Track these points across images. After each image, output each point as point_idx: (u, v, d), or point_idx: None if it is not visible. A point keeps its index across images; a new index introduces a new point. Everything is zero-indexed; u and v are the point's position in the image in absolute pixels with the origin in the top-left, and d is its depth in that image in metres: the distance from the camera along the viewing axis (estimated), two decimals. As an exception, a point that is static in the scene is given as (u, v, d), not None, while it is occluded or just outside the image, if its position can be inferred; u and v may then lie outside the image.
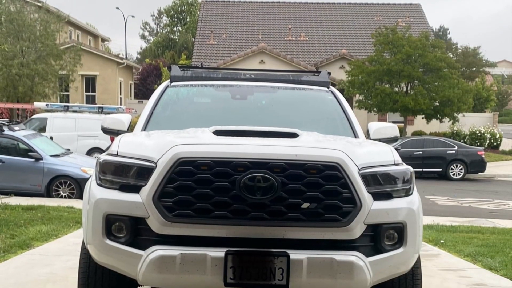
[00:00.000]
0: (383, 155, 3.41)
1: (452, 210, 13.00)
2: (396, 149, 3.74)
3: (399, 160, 3.43)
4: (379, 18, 37.82)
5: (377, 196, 3.17)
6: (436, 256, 6.83)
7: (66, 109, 19.22)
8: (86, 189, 3.46)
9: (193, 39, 46.10)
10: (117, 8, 58.83)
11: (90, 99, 33.31)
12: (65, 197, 12.11)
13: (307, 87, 5.13)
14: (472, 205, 14.13)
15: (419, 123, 29.82)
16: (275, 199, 2.98)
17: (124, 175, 3.18)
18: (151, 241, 3.07)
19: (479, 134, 29.46)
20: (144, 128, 4.43)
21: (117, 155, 3.29)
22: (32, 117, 20.64)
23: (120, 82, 35.04)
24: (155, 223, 3.03)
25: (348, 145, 3.37)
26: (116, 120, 4.45)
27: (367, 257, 3.09)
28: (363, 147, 3.55)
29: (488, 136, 29.62)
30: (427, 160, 21.15)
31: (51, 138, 16.05)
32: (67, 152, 13.65)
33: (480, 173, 21.73)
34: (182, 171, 3.01)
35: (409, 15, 38.37)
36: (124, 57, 45.30)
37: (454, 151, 21.40)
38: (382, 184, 3.21)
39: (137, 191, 3.10)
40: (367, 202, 3.09)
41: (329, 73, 5.43)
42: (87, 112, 19.51)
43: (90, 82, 33.93)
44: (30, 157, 12.28)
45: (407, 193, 3.34)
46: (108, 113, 16.34)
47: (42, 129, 18.43)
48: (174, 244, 3.04)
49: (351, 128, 4.59)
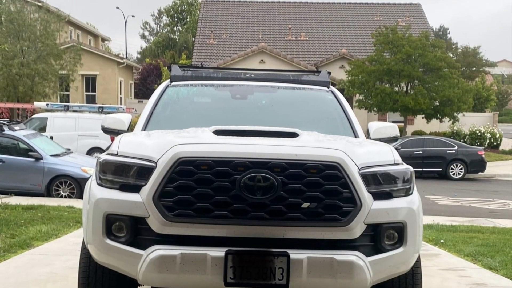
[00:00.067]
0: (383, 155, 3.41)
1: (452, 209, 13.00)
2: (396, 148, 3.74)
3: (399, 159, 3.43)
4: (379, 18, 37.81)
5: (377, 196, 3.17)
6: (436, 256, 6.83)
7: (66, 108, 19.22)
8: (86, 189, 3.46)
9: (193, 38, 46.09)
10: (117, 8, 58.77)
11: (90, 99, 33.33)
12: (65, 197, 12.12)
13: (307, 86, 5.13)
14: (472, 204, 14.12)
15: (419, 122, 29.82)
16: (275, 199, 2.98)
17: (124, 174, 3.18)
18: (151, 241, 3.08)
19: (479, 134, 29.46)
20: (144, 128, 4.42)
21: (117, 154, 3.30)
22: (32, 116, 20.63)
23: (120, 82, 35.05)
24: (155, 222, 3.03)
25: (348, 145, 3.38)
26: (116, 120, 4.45)
27: (367, 256, 3.09)
28: (363, 146, 3.55)
29: (488, 135, 29.63)
30: (427, 159, 21.16)
31: (51, 137, 16.05)
32: (67, 151, 13.65)
33: (480, 173, 21.74)
34: (182, 170, 3.01)
35: (409, 15, 38.37)
36: (124, 56, 45.31)
37: (454, 151, 21.40)
38: (382, 184, 3.22)
39: (137, 191, 3.10)
40: (367, 202, 3.09)
41: (329, 72, 5.43)
42: (87, 112, 19.51)
43: (90, 82, 33.94)
44: (30, 156, 12.28)
45: (407, 192, 3.34)
46: (108, 113, 16.33)
47: (42, 128, 18.44)
48: (174, 243, 3.04)
49: (351, 127, 4.59)
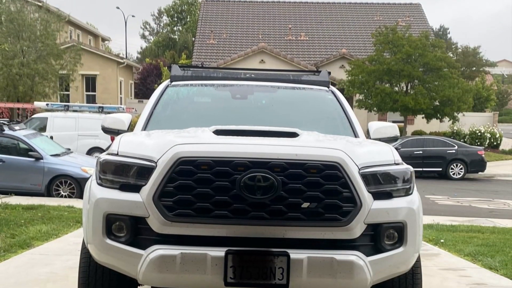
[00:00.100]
0: (383, 155, 3.41)
1: (452, 209, 13.00)
2: (396, 148, 3.74)
3: (399, 159, 3.43)
4: (379, 18, 37.82)
5: (377, 196, 3.17)
6: (436, 256, 6.83)
7: (66, 108, 19.22)
8: (87, 189, 3.46)
9: (193, 38, 46.09)
10: (117, 7, 58.72)
11: (91, 99, 33.34)
12: (65, 197, 12.12)
13: (307, 86, 5.13)
14: (472, 204, 14.12)
15: (419, 122, 29.83)
16: (275, 199, 2.98)
17: (125, 174, 3.18)
18: (151, 241, 3.08)
19: (479, 134, 29.47)
20: (145, 128, 4.42)
21: (117, 154, 3.30)
22: (33, 116, 20.63)
23: (120, 82, 35.05)
24: (155, 222, 3.03)
25: (348, 145, 3.38)
26: (116, 120, 4.45)
27: (367, 256, 3.09)
28: (363, 146, 3.55)
29: (488, 135, 29.63)
30: (427, 159, 21.16)
31: (51, 137, 16.05)
32: (68, 151, 13.65)
33: (480, 173, 21.74)
34: (182, 170, 3.01)
35: (409, 15, 38.37)
36: (125, 56, 45.31)
37: (454, 151, 21.40)
38: (382, 184, 3.22)
39: (137, 191, 3.10)
40: (367, 202, 3.09)
41: (329, 72, 5.43)
42: (88, 112, 19.50)
43: (90, 82, 33.94)
44: (30, 156, 12.28)
45: (407, 192, 3.34)
46: (108, 113, 16.36)
47: (43, 128, 18.44)
48: (174, 243, 3.04)
49: (351, 127, 4.59)
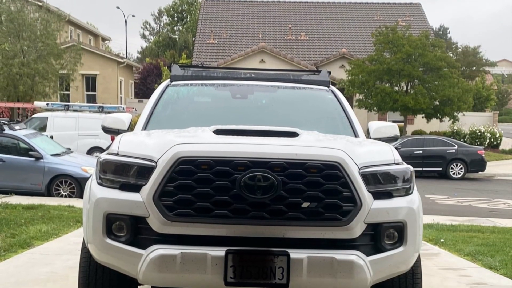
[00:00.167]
0: (383, 154, 3.42)
1: (452, 209, 13.00)
2: (396, 148, 3.74)
3: (399, 159, 3.43)
4: (379, 18, 37.82)
5: (377, 195, 3.17)
6: (436, 255, 6.84)
7: (66, 108, 19.22)
8: (87, 188, 3.46)
9: (193, 38, 46.09)
10: (118, 7, 58.64)
11: (91, 98, 33.35)
12: (65, 196, 12.12)
13: (307, 86, 5.13)
14: (472, 204, 14.12)
15: (419, 122, 29.83)
16: (275, 198, 2.99)
17: (125, 174, 3.18)
18: (151, 240, 3.08)
19: (479, 133, 29.47)
20: (145, 127, 4.43)
21: (117, 154, 3.30)
22: (33, 116, 20.64)
23: (120, 81, 35.05)
24: (156, 222, 3.04)
25: (348, 144, 3.38)
26: (116, 120, 4.45)
27: (367, 256, 3.09)
28: (363, 146, 3.55)
29: (488, 135, 29.63)
30: (427, 159, 21.16)
31: (51, 137, 16.06)
32: (68, 151, 13.66)
33: (480, 172, 21.75)
34: (182, 170, 3.01)
35: (409, 15, 38.37)
36: (125, 56, 45.29)
37: (454, 150, 21.40)
38: (382, 183, 3.22)
39: (138, 190, 3.10)
40: (367, 201, 3.09)
41: (329, 72, 5.43)
42: (88, 111, 19.51)
43: (90, 81, 33.94)
44: (30, 156, 12.29)
45: (407, 192, 3.34)
46: (108, 112, 16.35)
47: (43, 128, 18.45)
48: (175, 243, 3.04)
49: (351, 127, 4.59)
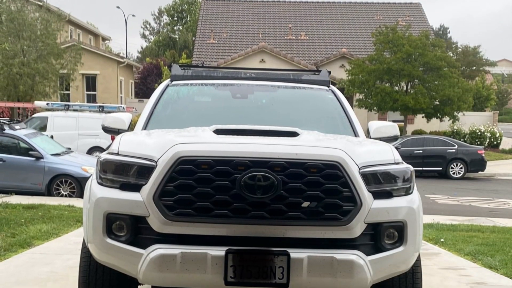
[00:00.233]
0: (383, 154, 3.42)
1: (452, 209, 13.00)
2: (396, 148, 3.74)
3: (399, 159, 3.43)
4: (379, 17, 37.82)
5: (377, 195, 3.17)
6: (436, 255, 6.84)
7: (66, 108, 19.24)
8: (87, 188, 3.46)
9: (193, 38, 46.09)
10: (118, 7, 58.41)
11: (91, 98, 33.36)
12: (65, 196, 12.13)
13: (308, 86, 5.13)
14: (472, 204, 14.12)
15: (419, 122, 29.82)
16: (276, 198, 2.99)
17: (125, 174, 3.18)
18: (151, 240, 3.08)
19: (479, 133, 29.46)
20: (145, 127, 4.43)
21: (117, 154, 3.30)
22: (33, 116, 20.65)
23: (120, 81, 35.06)
24: (156, 222, 3.04)
25: (348, 144, 3.38)
26: (116, 119, 4.45)
27: (368, 255, 3.10)
28: (363, 146, 3.55)
29: (488, 135, 29.63)
30: (427, 159, 21.16)
31: (51, 137, 16.06)
32: (68, 151, 13.66)
33: (480, 172, 21.74)
34: (182, 170, 3.01)
35: (409, 14, 38.37)
36: (125, 56, 45.31)
37: (454, 150, 21.40)
38: (382, 183, 3.22)
39: (138, 190, 3.11)
40: (367, 201, 3.09)
41: (329, 72, 5.44)
42: (88, 111, 19.53)
43: (90, 81, 33.95)
44: (30, 156, 12.29)
45: (407, 192, 3.34)
46: (108, 112, 16.35)
47: (43, 128, 18.46)
48: (175, 243, 3.04)
49: (351, 127, 4.59)
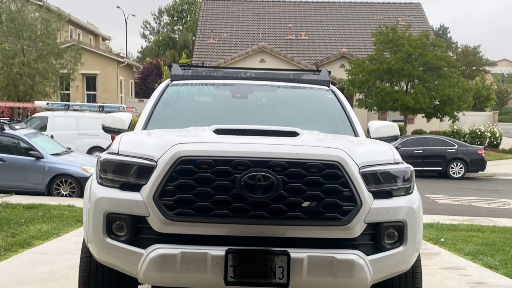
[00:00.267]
0: (383, 154, 3.42)
1: (452, 208, 13.00)
2: (396, 147, 3.74)
3: (399, 158, 3.43)
4: (379, 17, 37.82)
5: (377, 195, 3.17)
6: (436, 255, 6.84)
7: (67, 108, 19.24)
8: (87, 188, 3.46)
9: (193, 38, 46.09)
10: (118, 7, 58.26)
11: (91, 98, 33.37)
12: (65, 196, 12.13)
13: (308, 86, 5.13)
14: (472, 203, 14.12)
15: (419, 122, 29.82)
16: (276, 198, 2.99)
17: (125, 173, 3.18)
18: (151, 240, 3.08)
19: (479, 133, 29.46)
20: (145, 127, 4.43)
21: (117, 153, 3.30)
22: (33, 116, 20.66)
23: (120, 81, 35.06)
24: (156, 221, 3.04)
25: (348, 144, 3.38)
26: (116, 119, 4.45)
27: (368, 255, 3.10)
28: (364, 145, 3.55)
29: (488, 134, 29.63)
30: (427, 158, 21.16)
31: (51, 136, 16.06)
32: (68, 150, 13.66)
33: (480, 172, 21.74)
34: (182, 169, 3.02)
35: (409, 14, 38.37)
36: (125, 56, 45.31)
37: (454, 150, 21.40)
38: (382, 183, 3.22)
39: (138, 190, 3.11)
40: (367, 201, 3.09)
41: (330, 72, 5.44)
42: (88, 111, 19.53)
43: (90, 81, 33.96)
44: (31, 155, 12.29)
45: (407, 191, 3.34)
46: (108, 112, 16.36)
47: (43, 127, 18.47)
48: (175, 242, 3.04)
49: (351, 126, 4.59)
